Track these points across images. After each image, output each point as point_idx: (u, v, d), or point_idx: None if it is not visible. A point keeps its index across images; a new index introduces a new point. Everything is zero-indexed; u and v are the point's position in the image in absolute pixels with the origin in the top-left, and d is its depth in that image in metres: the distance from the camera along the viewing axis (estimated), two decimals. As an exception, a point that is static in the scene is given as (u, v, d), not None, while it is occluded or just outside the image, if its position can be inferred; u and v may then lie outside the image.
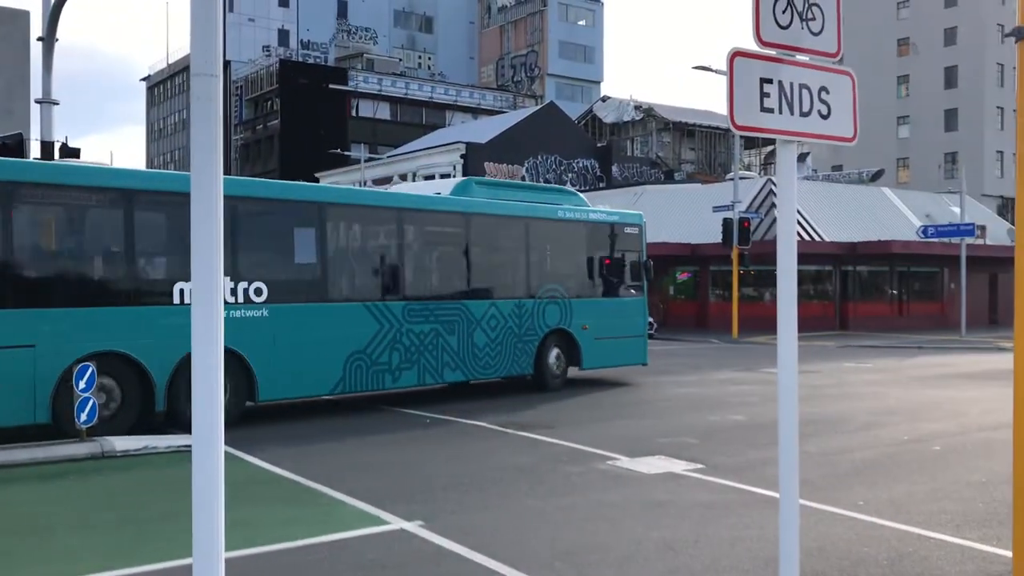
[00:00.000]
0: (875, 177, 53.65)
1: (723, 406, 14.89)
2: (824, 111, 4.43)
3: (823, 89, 4.44)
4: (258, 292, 12.75)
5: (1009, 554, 6.55)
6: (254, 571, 6.36)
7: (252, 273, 12.75)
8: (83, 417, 10.69)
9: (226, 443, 4.08)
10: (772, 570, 6.33)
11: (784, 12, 4.23)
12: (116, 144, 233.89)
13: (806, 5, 4.32)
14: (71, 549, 7.00)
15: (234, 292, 12.46)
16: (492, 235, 16.25)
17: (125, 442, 11.01)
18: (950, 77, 67.76)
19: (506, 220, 16.34)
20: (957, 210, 38.53)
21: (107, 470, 10.10)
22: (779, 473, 4.42)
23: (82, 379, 10.66)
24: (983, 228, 39.94)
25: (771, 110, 4.22)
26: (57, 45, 17.68)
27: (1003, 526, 7.45)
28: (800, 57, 4.38)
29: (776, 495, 8.33)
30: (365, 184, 56.74)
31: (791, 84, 4.31)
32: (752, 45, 4.16)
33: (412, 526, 7.50)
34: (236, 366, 12.41)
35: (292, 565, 6.59)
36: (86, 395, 10.67)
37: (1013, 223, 44.43)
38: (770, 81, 4.22)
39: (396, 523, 7.60)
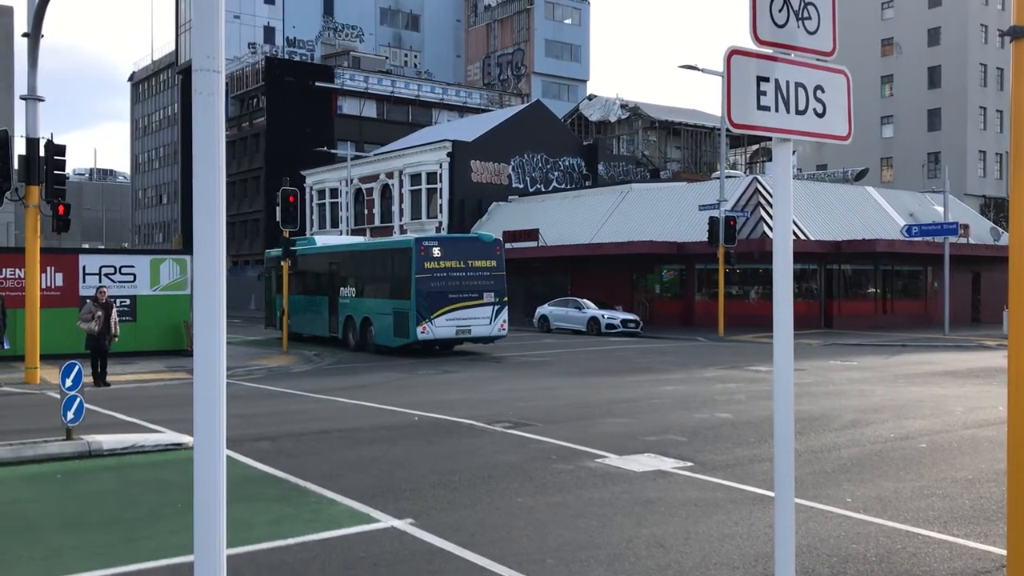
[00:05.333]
0: (859, 176, 53.83)
1: (710, 404, 14.94)
2: (819, 109, 4.44)
3: (818, 88, 4.45)
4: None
5: (997, 551, 6.62)
6: (245, 570, 6.33)
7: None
8: (70, 416, 10.59)
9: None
10: (762, 566, 6.36)
11: (781, 11, 4.23)
12: (100, 141, 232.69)
13: (802, 4, 4.33)
14: (58, 549, 6.95)
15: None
16: None
17: (112, 440, 10.95)
18: (933, 77, 68.08)
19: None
20: (940, 209, 38.75)
21: (94, 468, 10.04)
22: (774, 472, 4.43)
23: (68, 377, 10.55)
24: (966, 227, 40.18)
25: (767, 108, 4.23)
26: (42, 42, 17.55)
27: (990, 523, 7.51)
28: (796, 56, 4.38)
29: (765, 492, 8.45)
30: (352, 182, 56.52)
31: (787, 82, 4.32)
32: (748, 43, 4.17)
33: (403, 524, 7.50)
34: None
35: (283, 564, 6.57)
36: (73, 393, 10.57)
37: (997, 222, 44.72)
38: (767, 79, 4.23)
39: (387, 521, 7.59)
